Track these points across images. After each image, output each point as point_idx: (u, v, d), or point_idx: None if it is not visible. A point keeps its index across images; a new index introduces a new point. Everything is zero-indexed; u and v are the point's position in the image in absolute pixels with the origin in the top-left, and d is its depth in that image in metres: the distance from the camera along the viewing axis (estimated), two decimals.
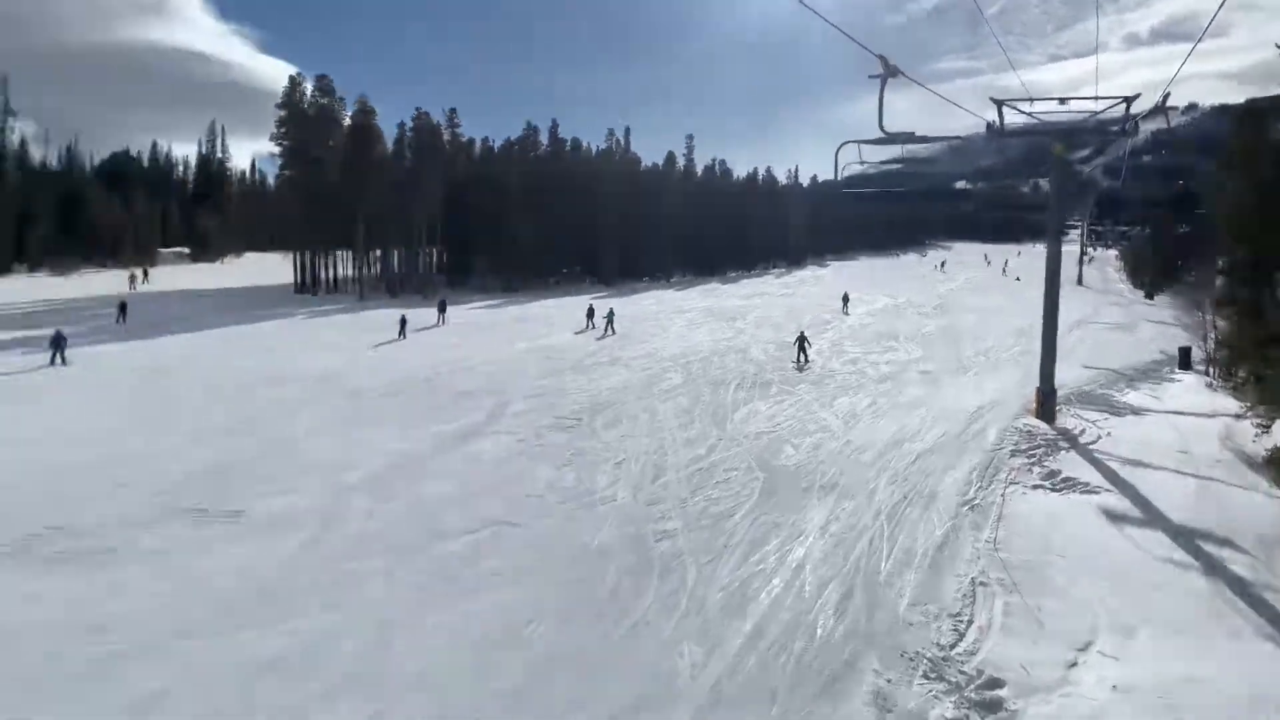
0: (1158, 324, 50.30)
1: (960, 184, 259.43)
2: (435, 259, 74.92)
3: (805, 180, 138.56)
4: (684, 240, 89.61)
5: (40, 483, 15.88)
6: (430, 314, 44.70)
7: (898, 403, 24.47)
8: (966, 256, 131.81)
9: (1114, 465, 17.79)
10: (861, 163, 20.67)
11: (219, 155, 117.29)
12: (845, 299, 53.67)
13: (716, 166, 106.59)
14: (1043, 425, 21.60)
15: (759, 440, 19.89)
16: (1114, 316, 54.15)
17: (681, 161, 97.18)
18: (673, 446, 19.26)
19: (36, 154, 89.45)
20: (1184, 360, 35.06)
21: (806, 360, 30.72)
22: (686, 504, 15.35)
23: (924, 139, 21.82)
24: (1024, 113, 22.45)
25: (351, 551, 13.10)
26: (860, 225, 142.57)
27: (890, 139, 20.48)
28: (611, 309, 41.84)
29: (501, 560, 12.80)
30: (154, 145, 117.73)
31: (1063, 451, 19.06)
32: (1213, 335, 40.55)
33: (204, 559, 12.64)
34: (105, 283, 63.42)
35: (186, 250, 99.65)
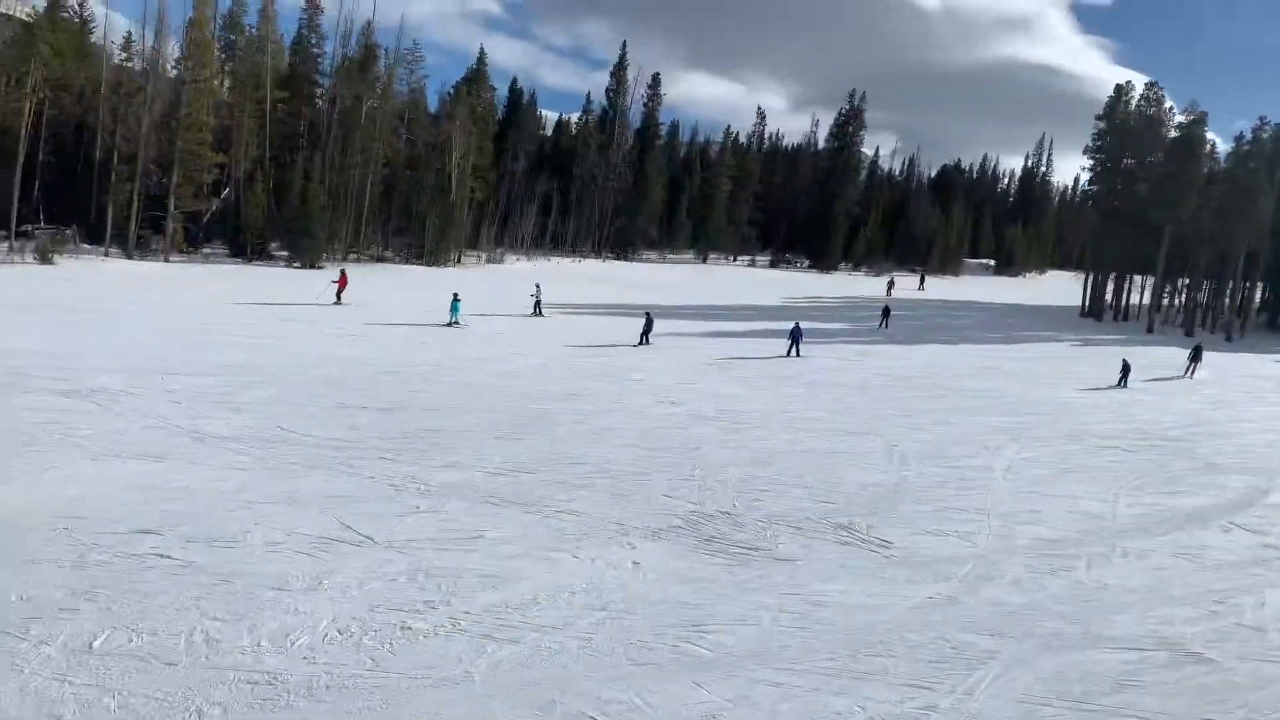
0: None
1: None
2: (1259, 295, 63.40)
3: None
4: None
5: (741, 468, 17.15)
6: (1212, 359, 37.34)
7: None
8: None
9: None
10: None
11: (1042, 169, 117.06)
12: None
13: None
14: None
15: None
16: None
17: None
18: None
19: (887, 165, 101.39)
20: None
21: None
22: None
23: None
24: None
25: (978, 624, 11.16)
26: None
27: None
28: None
29: (1161, 701, 9.57)
30: (984, 158, 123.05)
31: None
32: None
33: (832, 584, 12.04)
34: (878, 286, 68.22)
35: (991, 262, 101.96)
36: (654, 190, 75.27)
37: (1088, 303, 60.16)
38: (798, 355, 30.66)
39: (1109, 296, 60.44)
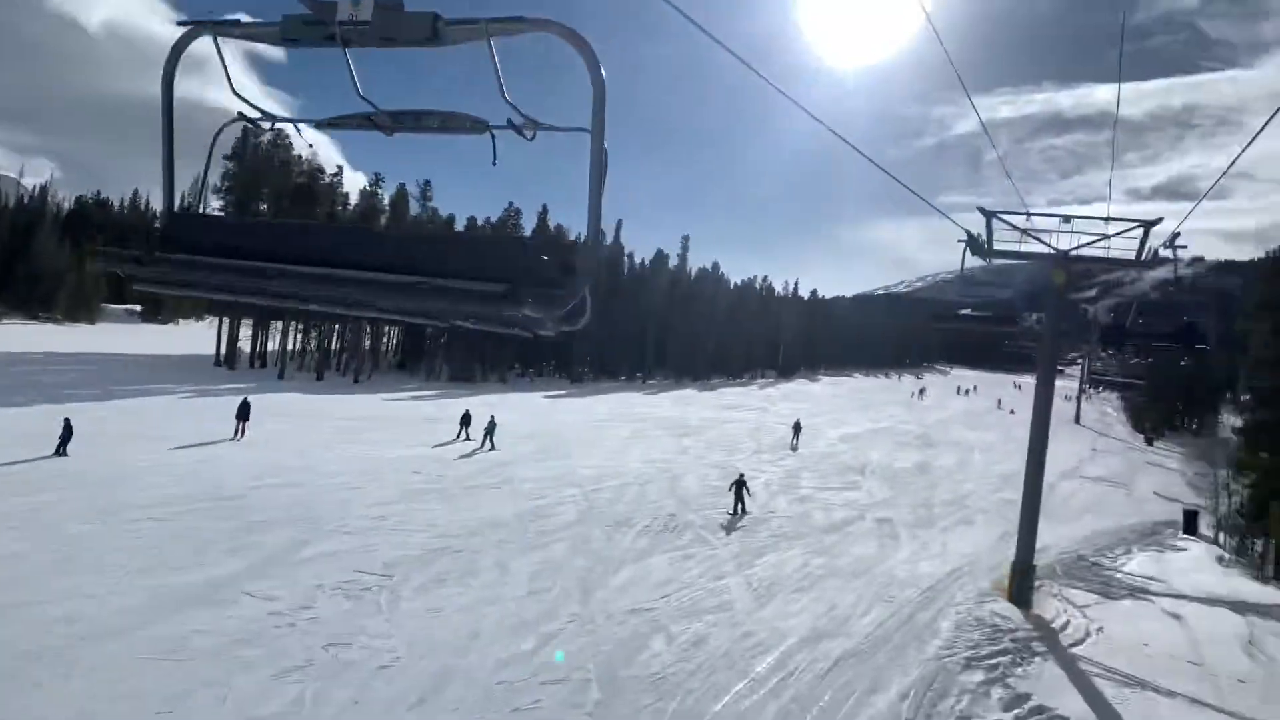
0: (1159, 471, 48.26)
1: (965, 311, 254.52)
2: (390, 345, 70.56)
3: (805, 293, 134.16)
4: (668, 342, 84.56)
5: None
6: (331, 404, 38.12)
7: (836, 568, 19.04)
8: (965, 382, 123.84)
9: (1103, 686, 13.36)
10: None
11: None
12: (797, 429, 43.22)
13: (712, 270, 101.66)
14: (1014, 613, 16.64)
15: (625, 624, 14.12)
16: (1111, 465, 48.51)
17: (674, 261, 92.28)
18: (493, 633, 13.29)
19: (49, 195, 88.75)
20: (1189, 525, 30.21)
21: (744, 511, 23.80)
22: None
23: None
24: (1020, 229, 17.90)
25: None
26: (858, 342, 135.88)
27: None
28: (493, 418, 33.20)
29: None
30: (135, 193, 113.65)
31: (1037, 659, 14.28)
32: (1227, 497, 35.04)
33: None
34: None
35: (139, 308, 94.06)
36: None
37: (223, 351, 57.86)
38: None
39: (247, 344, 59.07)
